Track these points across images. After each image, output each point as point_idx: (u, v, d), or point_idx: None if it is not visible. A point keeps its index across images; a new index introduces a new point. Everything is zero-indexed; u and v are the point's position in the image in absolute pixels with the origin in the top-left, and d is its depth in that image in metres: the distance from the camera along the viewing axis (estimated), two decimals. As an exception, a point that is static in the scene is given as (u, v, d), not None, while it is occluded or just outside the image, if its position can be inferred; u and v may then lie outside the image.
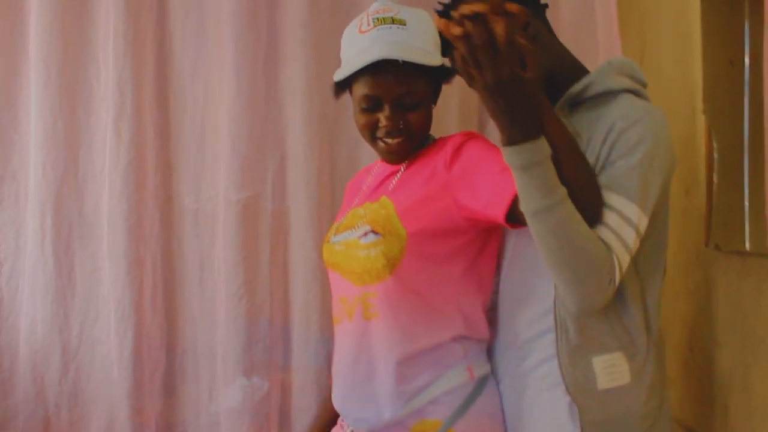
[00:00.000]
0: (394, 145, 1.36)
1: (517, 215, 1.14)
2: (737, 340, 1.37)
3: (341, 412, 1.42)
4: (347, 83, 1.38)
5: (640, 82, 1.33)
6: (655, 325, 1.27)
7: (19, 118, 1.92)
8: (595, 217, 1.14)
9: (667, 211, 1.32)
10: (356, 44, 1.34)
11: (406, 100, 1.33)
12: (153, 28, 1.92)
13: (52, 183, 1.87)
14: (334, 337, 1.44)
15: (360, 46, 1.32)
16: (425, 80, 1.34)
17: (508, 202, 1.16)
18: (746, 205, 1.37)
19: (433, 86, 1.38)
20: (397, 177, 1.40)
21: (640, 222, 1.17)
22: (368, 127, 1.36)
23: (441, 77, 1.39)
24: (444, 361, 1.31)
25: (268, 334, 1.89)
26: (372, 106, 1.34)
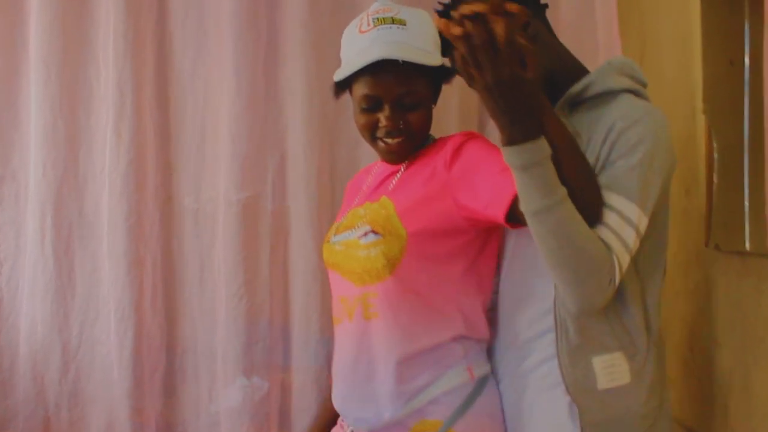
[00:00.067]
0: (394, 145, 1.36)
1: (517, 215, 1.14)
2: (737, 340, 1.37)
3: (341, 412, 1.42)
4: (347, 83, 1.38)
5: (640, 82, 1.32)
6: (655, 325, 1.27)
7: (19, 117, 1.92)
8: (595, 217, 1.14)
9: (667, 211, 1.32)
10: (356, 44, 1.34)
11: (406, 100, 1.33)
12: (153, 28, 1.91)
13: (52, 183, 1.86)
14: (334, 337, 1.44)
15: (360, 46, 1.32)
16: (425, 80, 1.34)
17: (508, 203, 1.16)
18: (746, 205, 1.37)
19: (433, 86, 1.38)
20: (397, 177, 1.40)
21: (640, 222, 1.17)
22: (368, 127, 1.36)
23: (441, 77, 1.39)
24: (444, 361, 1.31)
25: (268, 335, 1.88)
26: (372, 106, 1.34)
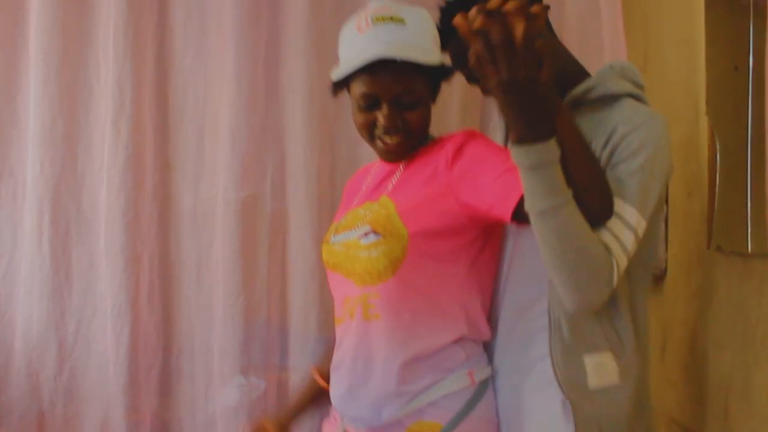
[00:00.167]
0: (393, 145, 1.35)
1: (523, 214, 1.14)
2: (738, 342, 1.36)
3: (339, 410, 1.42)
4: (345, 82, 1.37)
5: (641, 87, 1.32)
6: (642, 327, 1.28)
7: (18, 114, 1.92)
8: (602, 221, 1.14)
9: (660, 216, 1.32)
10: (354, 43, 1.32)
11: (404, 98, 1.31)
12: (154, 27, 1.91)
13: (50, 180, 1.86)
14: (331, 337, 1.43)
15: (358, 45, 1.31)
16: (424, 79, 1.33)
17: (515, 202, 1.15)
18: (748, 207, 1.37)
19: (432, 85, 1.37)
20: (397, 176, 1.39)
21: (639, 226, 1.17)
22: (366, 126, 1.35)
23: (440, 76, 1.38)
24: (446, 365, 1.31)
25: (266, 333, 1.88)
26: (370, 105, 1.33)
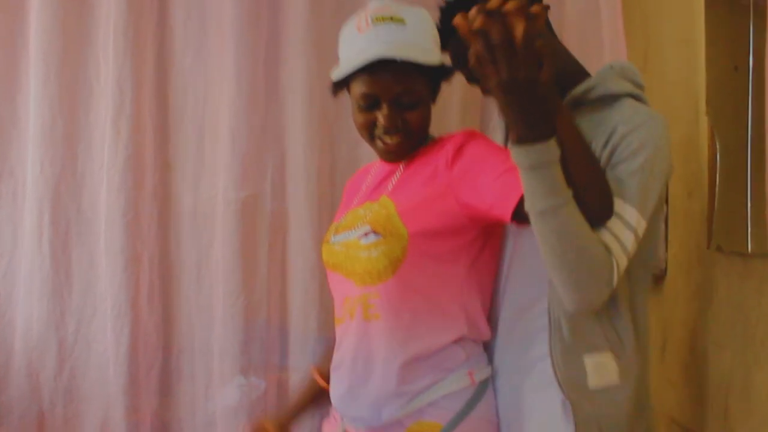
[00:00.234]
0: (393, 145, 1.35)
1: (523, 214, 1.14)
2: (738, 342, 1.36)
3: (339, 410, 1.41)
4: (345, 82, 1.37)
5: (640, 87, 1.32)
6: (642, 327, 1.28)
7: (18, 114, 1.91)
8: (601, 221, 1.14)
9: (660, 216, 1.32)
10: (354, 43, 1.32)
11: (404, 98, 1.31)
12: (154, 26, 1.91)
13: (50, 180, 1.86)
14: (330, 337, 1.43)
15: (358, 45, 1.31)
16: (424, 79, 1.33)
17: (515, 203, 1.15)
18: (748, 207, 1.37)
19: (432, 85, 1.37)
20: (396, 176, 1.39)
21: (639, 226, 1.17)
22: (366, 126, 1.35)
23: (440, 76, 1.38)
24: (446, 365, 1.30)
25: (266, 333, 1.88)
26: (370, 105, 1.32)
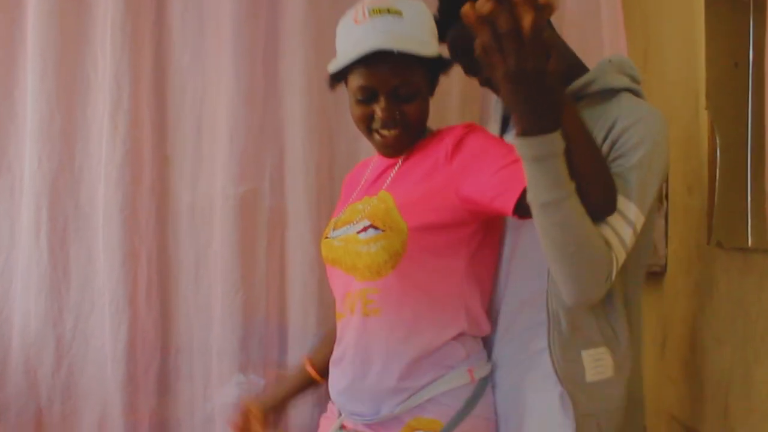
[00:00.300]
0: (391, 138, 1.34)
1: (525, 207, 1.13)
2: (738, 338, 1.36)
3: (338, 405, 1.41)
4: (342, 75, 1.36)
5: (637, 81, 1.33)
6: (635, 321, 1.30)
7: (15, 109, 1.90)
8: (605, 215, 1.14)
9: (655, 212, 1.34)
10: (351, 35, 1.31)
11: (401, 91, 1.30)
12: (152, 21, 1.90)
13: (48, 175, 1.85)
14: (327, 329, 1.42)
15: (355, 37, 1.30)
16: (421, 71, 1.32)
17: (517, 195, 1.14)
18: (748, 202, 1.36)
19: (430, 77, 1.36)
20: (395, 170, 1.39)
21: (638, 221, 1.18)
22: (364, 119, 1.34)
23: (438, 68, 1.37)
24: (446, 362, 1.30)
25: (264, 330, 1.87)
26: (367, 98, 1.32)
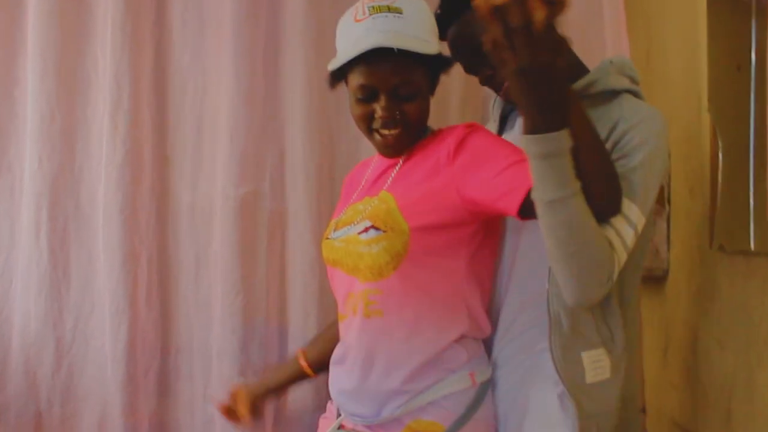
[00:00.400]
0: (391, 138, 1.33)
1: (528, 209, 1.13)
2: (741, 342, 1.35)
3: (339, 405, 1.41)
4: (342, 73, 1.35)
5: (636, 82, 1.33)
6: (630, 323, 1.30)
7: (15, 109, 1.90)
8: (610, 215, 1.14)
9: (651, 213, 1.34)
10: (351, 33, 1.31)
11: (402, 90, 1.30)
12: (152, 21, 1.89)
13: (48, 175, 1.84)
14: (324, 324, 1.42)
15: (355, 35, 1.29)
16: (422, 70, 1.31)
17: (522, 196, 1.14)
18: (751, 205, 1.36)
19: (431, 76, 1.36)
20: (396, 170, 1.38)
21: (639, 222, 1.18)
22: (364, 118, 1.33)
23: (439, 67, 1.36)
24: (448, 365, 1.30)
25: (264, 332, 1.86)
26: (367, 97, 1.31)
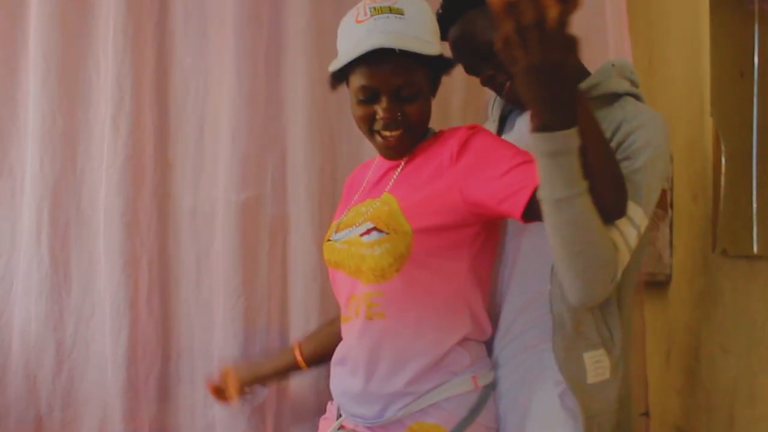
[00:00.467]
0: (393, 139, 1.33)
1: (533, 211, 1.13)
2: (744, 347, 1.35)
3: (340, 406, 1.41)
4: (344, 75, 1.35)
5: (636, 85, 1.34)
6: (627, 323, 1.31)
7: (17, 111, 1.90)
8: (615, 216, 1.14)
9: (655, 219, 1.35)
10: (353, 34, 1.30)
11: (403, 91, 1.29)
12: (154, 23, 1.89)
13: (49, 178, 1.84)
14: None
15: (357, 36, 1.29)
16: (424, 71, 1.31)
17: (527, 199, 1.14)
18: (754, 208, 1.36)
19: (432, 77, 1.35)
20: (398, 172, 1.38)
21: (642, 223, 1.18)
22: (365, 120, 1.33)
23: (440, 69, 1.36)
24: (451, 368, 1.30)
25: (266, 336, 1.85)
26: (369, 98, 1.31)
